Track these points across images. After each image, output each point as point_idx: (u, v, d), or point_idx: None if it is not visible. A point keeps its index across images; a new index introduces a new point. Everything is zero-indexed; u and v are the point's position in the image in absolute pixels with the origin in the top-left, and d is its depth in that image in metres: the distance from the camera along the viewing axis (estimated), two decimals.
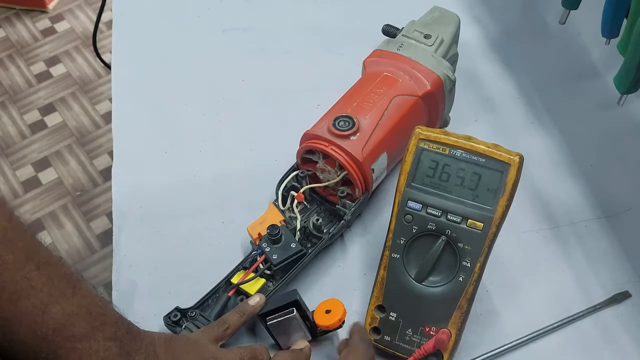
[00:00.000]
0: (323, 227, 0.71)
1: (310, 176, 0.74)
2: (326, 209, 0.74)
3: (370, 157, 0.70)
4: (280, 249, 0.67)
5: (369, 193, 0.73)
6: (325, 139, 0.70)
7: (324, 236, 0.70)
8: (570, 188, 0.78)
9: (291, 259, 0.67)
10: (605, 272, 0.71)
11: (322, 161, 0.72)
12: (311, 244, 0.70)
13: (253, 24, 0.98)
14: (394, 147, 0.73)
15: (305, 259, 0.68)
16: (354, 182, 0.70)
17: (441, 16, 0.83)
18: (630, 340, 0.66)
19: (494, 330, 0.67)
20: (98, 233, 1.75)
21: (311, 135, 0.72)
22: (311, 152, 0.72)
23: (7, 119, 1.98)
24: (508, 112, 0.86)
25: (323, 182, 0.73)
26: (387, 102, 0.73)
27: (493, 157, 0.60)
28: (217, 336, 0.61)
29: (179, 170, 0.82)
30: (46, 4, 2.22)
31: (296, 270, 0.68)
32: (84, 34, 2.19)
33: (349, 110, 0.72)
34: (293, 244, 0.68)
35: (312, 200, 0.75)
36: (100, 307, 0.51)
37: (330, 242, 0.71)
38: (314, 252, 0.69)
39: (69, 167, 1.87)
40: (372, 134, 0.70)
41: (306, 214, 0.73)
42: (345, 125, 0.70)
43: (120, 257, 0.74)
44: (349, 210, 0.71)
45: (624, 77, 0.67)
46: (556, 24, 0.80)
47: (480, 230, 0.60)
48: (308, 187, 0.73)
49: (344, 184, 0.72)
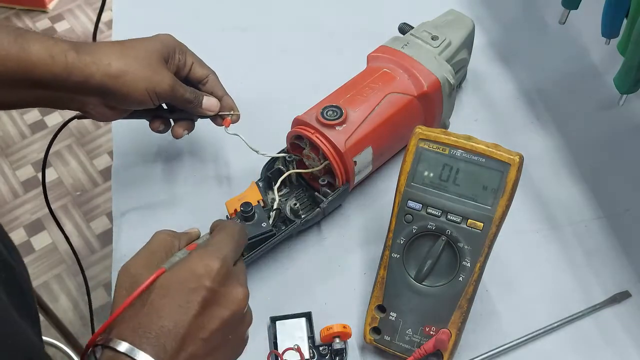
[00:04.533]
0: (301, 213, 0.72)
1: (298, 161, 0.75)
2: (310, 196, 0.75)
3: (353, 149, 0.71)
4: (251, 227, 0.68)
5: (350, 185, 0.73)
6: (312, 127, 0.71)
7: (297, 220, 0.71)
8: (570, 188, 0.78)
9: (259, 237, 0.68)
10: (605, 272, 0.71)
11: (308, 148, 0.73)
12: (285, 227, 0.71)
13: (253, 24, 0.98)
14: (381, 143, 0.73)
15: (273, 239, 0.69)
16: (334, 172, 0.71)
17: (455, 20, 0.83)
18: (630, 340, 0.66)
19: (494, 330, 0.67)
20: (98, 233, 1.75)
21: (300, 121, 0.73)
22: (299, 138, 0.73)
23: (7, 119, 1.98)
24: (508, 112, 0.86)
25: (308, 169, 0.74)
26: (380, 97, 0.73)
27: (493, 157, 0.60)
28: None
29: (179, 170, 0.82)
30: (46, 4, 2.22)
31: (263, 249, 0.68)
32: (84, 34, 2.19)
33: (341, 102, 0.73)
34: (264, 223, 0.68)
35: (299, 185, 0.76)
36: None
37: (303, 228, 0.72)
38: (283, 235, 0.70)
39: (69, 167, 1.88)
40: (359, 127, 0.71)
41: (286, 198, 0.74)
42: (332, 115, 0.71)
43: (120, 257, 0.74)
44: (326, 199, 0.72)
45: (624, 77, 0.67)
46: (556, 24, 0.80)
47: (480, 230, 0.60)
48: (293, 171, 0.74)
49: (326, 172, 0.73)
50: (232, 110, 0.74)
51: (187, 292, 0.47)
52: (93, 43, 0.67)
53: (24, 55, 0.60)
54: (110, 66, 0.64)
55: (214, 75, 0.73)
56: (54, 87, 0.63)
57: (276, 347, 0.65)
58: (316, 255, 0.74)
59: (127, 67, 0.64)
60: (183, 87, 0.69)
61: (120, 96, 0.65)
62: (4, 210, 1.80)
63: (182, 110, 0.72)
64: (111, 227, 0.78)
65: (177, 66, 0.70)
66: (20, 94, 0.63)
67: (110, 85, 0.64)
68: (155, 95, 0.67)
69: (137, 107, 0.69)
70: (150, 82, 0.66)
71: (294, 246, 0.74)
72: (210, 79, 0.73)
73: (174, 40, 0.71)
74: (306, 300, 0.69)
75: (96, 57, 0.63)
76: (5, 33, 0.61)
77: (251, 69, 0.92)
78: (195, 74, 0.72)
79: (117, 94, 0.65)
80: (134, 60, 0.65)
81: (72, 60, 0.62)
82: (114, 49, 0.65)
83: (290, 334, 0.66)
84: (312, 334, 0.67)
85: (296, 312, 0.67)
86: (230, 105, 0.74)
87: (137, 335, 0.44)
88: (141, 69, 0.65)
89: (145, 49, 0.67)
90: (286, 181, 0.75)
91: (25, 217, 1.78)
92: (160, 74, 0.67)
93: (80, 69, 0.62)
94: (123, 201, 0.79)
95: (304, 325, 0.67)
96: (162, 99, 0.68)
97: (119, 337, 0.44)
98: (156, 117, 0.73)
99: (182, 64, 0.71)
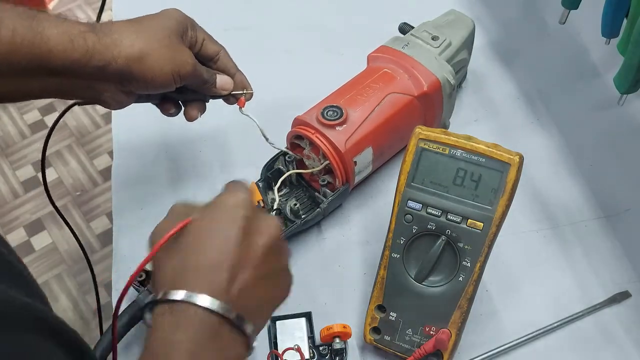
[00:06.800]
0: (301, 213, 0.72)
1: (298, 161, 0.75)
2: (310, 196, 0.75)
3: (354, 150, 0.71)
4: None
5: (350, 185, 0.73)
6: (312, 127, 0.71)
7: (297, 221, 0.71)
8: (570, 188, 0.78)
9: None
10: (605, 272, 0.71)
11: (308, 148, 0.73)
12: (285, 228, 0.71)
13: (254, 23, 0.98)
14: (381, 143, 0.74)
15: None
16: (334, 172, 0.71)
17: (455, 20, 0.83)
18: (630, 340, 0.66)
19: (494, 330, 0.67)
20: (98, 233, 1.75)
21: (300, 121, 0.73)
22: (299, 138, 0.73)
23: (7, 119, 1.98)
24: (508, 112, 0.86)
25: (308, 169, 0.74)
26: (380, 97, 0.73)
27: (493, 157, 0.60)
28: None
29: (179, 170, 0.82)
30: (46, 4, 2.22)
31: None
32: None
33: (341, 102, 0.73)
34: None
35: (299, 185, 0.76)
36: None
37: (303, 228, 0.72)
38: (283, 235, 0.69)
39: (69, 167, 1.87)
40: (359, 127, 0.71)
41: (286, 198, 0.74)
42: (333, 115, 0.71)
43: (120, 257, 0.74)
44: (327, 199, 0.72)
45: (624, 77, 0.67)
46: (556, 24, 0.80)
47: (480, 230, 0.60)
48: (293, 172, 0.74)
49: (326, 172, 0.73)
50: (245, 89, 0.70)
51: (224, 225, 0.46)
52: (109, 22, 0.61)
53: (39, 41, 0.55)
54: (132, 47, 0.58)
55: (225, 51, 0.69)
56: (72, 74, 0.58)
57: (276, 347, 0.65)
58: (316, 255, 0.74)
59: (150, 47, 0.59)
60: (200, 66, 0.65)
61: (143, 80, 0.60)
62: (4, 210, 1.80)
63: (193, 91, 0.67)
64: (111, 227, 0.78)
65: (190, 43, 0.65)
66: (31, 83, 0.58)
67: (134, 68, 0.59)
68: (179, 77, 0.62)
69: (157, 91, 0.64)
70: (175, 63, 0.61)
71: (294, 246, 0.74)
72: (222, 56, 0.68)
73: (183, 15, 0.65)
74: (306, 300, 0.69)
75: (116, 38, 0.58)
76: (17, 16, 0.55)
77: (251, 68, 0.91)
78: (207, 50, 0.67)
79: (140, 79, 0.60)
80: (155, 39, 0.60)
81: (92, 44, 0.57)
82: (133, 28, 0.60)
83: (290, 334, 0.66)
84: (312, 334, 0.67)
85: (296, 312, 0.67)
86: (243, 83, 0.70)
87: (186, 281, 0.44)
88: (164, 49, 0.60)
89: (162, 28, 0.61)
90: (286, 181, 0.75)
91: (25, 217, 1.78)
92: (182, 54, 0.62)
93: (101, 53, 0.57)
94: (123, 201, 0.79)
95: (304, 325, 0.67)
96: (184, 81, 0.63)
97: (171, 288, 0.44)
98: (166, 99, 0.68)
99: (194, 40, 0.65)
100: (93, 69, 0.58)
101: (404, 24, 0.85)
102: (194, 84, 0.65)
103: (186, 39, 0.64)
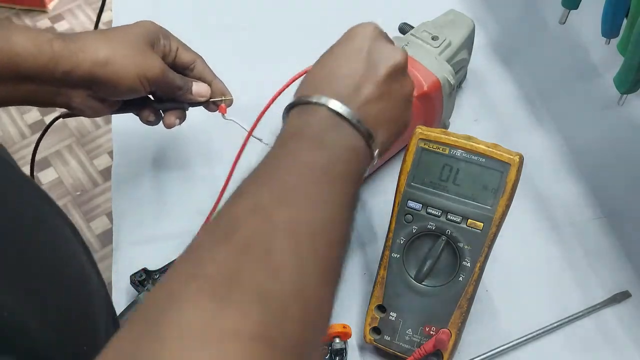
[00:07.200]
0: None
1: None
2: None
3: None
4: None
5: None
6: None
7: None
8: (570, 188, 0.78)
9: None
10: (605, 272, 0.71)
11: None
12: None
13: (253, 23, 0.98)
14: None
15: None
16: None
17: (455, 20, 0.83)
18: (630, 340, 0.66)
19: (494, 330, 0.67)
20: (98, 233, 1.75)
21: None
22: None
23: (7, 119, 1.98)
24: (508, 112, 0.86)
25: None
26: None
27: (493, 157, 0.60)
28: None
29: (179, 170, 0.82)
30: (46, 4, 2.22)
31: None
32: None
33: None
34: None
35: None
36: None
37: None
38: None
39: (69, 167, 1.87)
40: None
41: None
42: None
43: (120, 257, 0.74)
44: None
45: (624, 77, 0.67)
46: (556, 24, 0.80)
47: (480, 230, 0.60)
48: None
49: None
50: (224, 95, 0.71)
51: (354, 45, 0.55)
52: (78, 32, 0.65)
53: (7, 47, 0.58)
54: (97, 52, 0.61)
55: (201, 60, 0.70)
56: (40, 80, 0.60)
57: None
58: None
59: (115, 53, 0.62)
60: (172, 72, 0.67)
61: (110, 85, 0.62)
62: None
63: (172, 100, 0.69)
64: (111, 227, 0.77)
65: (163, 52, 0.67)
66: (5, 89, 0.61)
67: (99, 73, 0.61)
68: (147, 81, 0.64)
69: (127, 97, 0.66)
70: (141, 67, 0.63)
71: None
72: (198, 64, 0.70)
73: (156, 25, 0.68)
74: None
75: (82, 44, 0.61)
76: None
77: (251, 68, 0.92)
78: (182, 59, 0.69)
79: (106, 83, 0.62)
80: (122, 45, 0.63)
81: (58, 49, 0.60)
82: (99, 35, 0.63)
83: None
84: None
85: None
86: (221, 89, 0.71)
87: (320, 89, 0.50)
88: (130, 54, 0.63)
89: (130, 34, 0.64)
90: None
91: None
92: (150, 59, 0.64)
93: (67, 58, 0.60)
94: (123, 201, 0.79)
95: None
96: (153, 85, 0.65)
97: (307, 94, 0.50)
98: (145, 108, 0.70)
99: (168, 49, 0.68)
100: (60, 74, 0.60)
101: (403, 24, 0.85)
102: (168, 91, 0.67)
103: (158, 47, 0.66)
